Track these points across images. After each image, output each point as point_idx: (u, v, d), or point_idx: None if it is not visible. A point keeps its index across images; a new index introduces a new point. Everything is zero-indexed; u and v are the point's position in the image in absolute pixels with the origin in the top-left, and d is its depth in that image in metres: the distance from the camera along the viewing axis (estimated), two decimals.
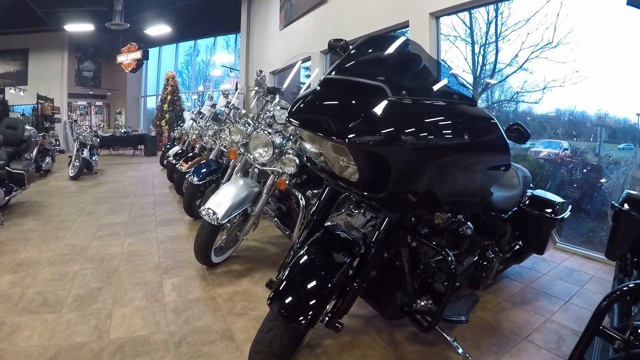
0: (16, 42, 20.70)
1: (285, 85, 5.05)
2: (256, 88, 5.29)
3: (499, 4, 9.13)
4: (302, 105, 2.38)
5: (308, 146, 2.56)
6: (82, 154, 11.04)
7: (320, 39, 10.80)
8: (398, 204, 2.33)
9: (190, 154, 8.19)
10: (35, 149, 10.58)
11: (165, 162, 11.88)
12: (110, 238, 5.71)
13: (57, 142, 18.70)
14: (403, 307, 2.86)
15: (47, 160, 11.56)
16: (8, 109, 18.30)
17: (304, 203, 4.22)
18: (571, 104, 8.39)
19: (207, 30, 22.06)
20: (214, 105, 8.29)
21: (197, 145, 8.47)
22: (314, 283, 2.38)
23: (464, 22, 10.76)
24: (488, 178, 2.70)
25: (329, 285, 2.35)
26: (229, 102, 6.88)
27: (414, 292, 2.83)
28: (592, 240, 6.64)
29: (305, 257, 2.52)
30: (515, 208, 3.96)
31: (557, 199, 4.16)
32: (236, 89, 7.88)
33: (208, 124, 7.35)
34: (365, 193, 2.28)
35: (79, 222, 6.54)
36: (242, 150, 4.63)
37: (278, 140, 4.15)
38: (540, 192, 4.24)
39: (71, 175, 10.92)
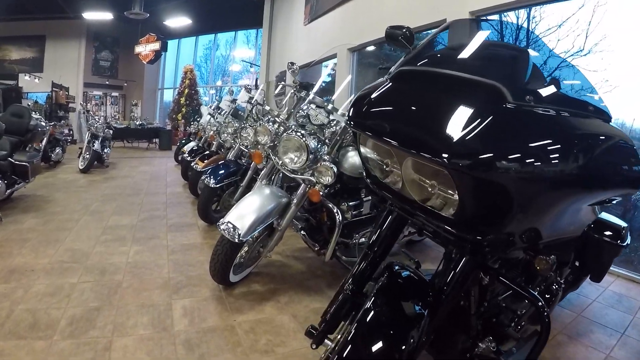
0: (33, 29, 20.28)
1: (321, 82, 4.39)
2: (283, 83, 4.66)
3: (531, 9, 8.56)
4: (372, 106, 1.76)
5: (372, 157, 1.94)
6: (93, 146, 10.46)
7: (348, 36, 10.25)
8: (498, 245, 1.68)
9: (207, 152, 7.65)
10: (45, 138, 10.04)
11: (179, 158, 11.34)
12: (115, 244, 5.11)
13: (71, 132, 18.31)
14: (465, 353, 2.23)
15: (57, 150, 11.06)
16: (21, 95, 17.91)
17: (340, 218, 3.67)
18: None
19: (228, 24, 21.45)
20: (234, 101, 7.68)
21: (214, 143, 7.91)
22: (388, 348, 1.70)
23: (492, 27, 9.97)
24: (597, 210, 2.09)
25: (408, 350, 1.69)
26: (251, 98, 6.27)
27: (477, 334, 2.22)
28: (632, 260, 6.18)
29: (373, 314, 1.80)
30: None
31: (621, 222, 3.62)
32: (256, 85, 7.32)
33: (227, 120, 6.70)
34: (463, 234, 1.63)
35: (83, 222, 5.97)
36: (269, 154, 4.01)
37: (313, 144, 3.57)
38: (603, 215, 3.69)
39: (81, 167, 10.37)
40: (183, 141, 11.87)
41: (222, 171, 5.52)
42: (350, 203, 3.98)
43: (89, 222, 5.99)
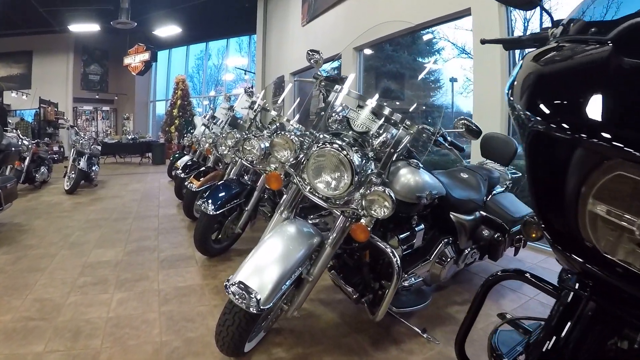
0: (20, 44, 19.50)
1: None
2: (300, 79, 3.50)
3: None
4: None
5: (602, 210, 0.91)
6: (79, 164, 9.31)
7: (353, 34, 9.16)
8: None
9: (203, 168, 6.52)
10: (28, 158, 9.14)
11: (173, 173, 10.21)
12: (95, 290, 4.01)
13: (62, 149, 17.30)
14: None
15: (42, 170, 10.03)
16: (6, 113, 16.91)
17: (398, 263, 2.66)
18: None
19: (220, 32, 20.50)
20: (231, 108, 6.61)
21: (210, 157, 6.81)
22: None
23: None
24: None
25: None
26: (253, 103, 5.18)
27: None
28: None
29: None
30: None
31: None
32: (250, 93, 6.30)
33: (226, 130, 5.59)
34: None
35: (60, 259, 4.87)
36: (291, 176, 2.88)
37: (357, 160, 2.48)
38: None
39: (66, 188, 9.31)
40: (176, 155, 10.77)
41: (223, 194, 4.51)
42: (401, 236, 3.02)
43: (66, 258, 4.89)
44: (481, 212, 3.85)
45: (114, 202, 8.40)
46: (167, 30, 18.09)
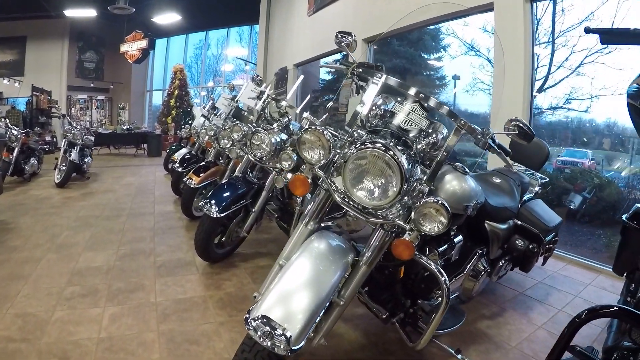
0: (14, 29, 18.85)
1: None
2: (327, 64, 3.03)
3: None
4: None
5: None
6: (70, 155, 8.80)
7: (363, 24, 8.68)
8: None
9: (203, 162, 6.08)
10: (17, 149, 8.65)
11: (170, 167, 9.73)
12: (84, 303, 3.53)
13: (54, 139, 16.77)
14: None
15: (31, 161, 9.46)
16: None
17: (446, 281, 2.28)
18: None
19: (220, 21, 19.92)
20: (234, 98, 6.14)
21: (210, 150, 6.33)
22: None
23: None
24: None
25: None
26: (261, 93, 4.73)
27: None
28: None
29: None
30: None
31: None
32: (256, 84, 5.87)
33: (233, 123, 5.10)
34: None
35: (46, 264, 4.38)
36: (320, 179, 2.38)
37: (406, 163, 2.05)
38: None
39: (56, 181, 8.80)
40: (173, 147, 10.23)
41: (227, 193, 4.07)
42: (440, 249, 2.65)
43: (53, 263, 4.41)
44: (515, 220, 3.55)
45: (106, 197, 7.92)
46: (166, 17, 17.53)
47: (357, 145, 2.10)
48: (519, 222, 3.57)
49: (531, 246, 3.48)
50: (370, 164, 2.09)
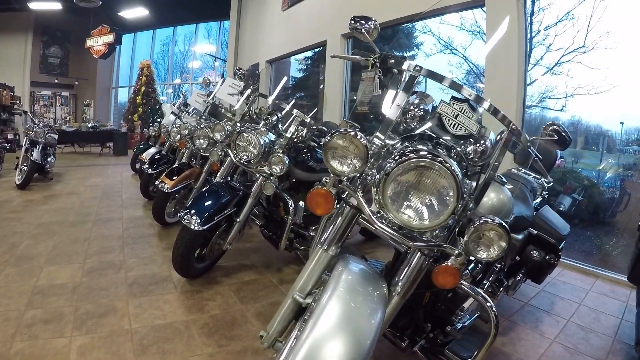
0: None
1: None
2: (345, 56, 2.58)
3: None
4: None
5: None
6: (32, 155, 8.10)
7: (341, 20, 8.20)
8: None
9: (176, 165, 5.55)
10: None
11: (137, 166, 9.20)
12: (48, 331, 2.98)
13: (17, 137, 15.93)
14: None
15: None
16: None
17: (493, 307, 2.07)
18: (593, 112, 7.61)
19: (189, 16, 19.25)
20: (210, 95, 5.65)
21: (183, 151, 5.82)
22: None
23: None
24: None
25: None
26: (245, 87, 4.25)
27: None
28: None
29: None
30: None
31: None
32: (223, 81, 5.41)
33: (217, 121, 4.55)
34: None
35: (3, 280, 3.79)
36: (346, 195, 1.91)
37: (460, 174, 1.69)
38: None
39: (17, 182, 8.08)
40: (140, 146, 9.57)
41: (209, 202, 3.58)
42: (470, 267, 2.44)
43: (11, 279, 3.82)
44: (530, 229, 3.25)
45: (70, 200, 7.26)
46: (134, 12, 16.96)
47: (397, 157, 1.65)
48: (534, 232, 3.27)
49: (547, 257, 3.22)
50: (418, 177, 1.67)
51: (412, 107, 1.99)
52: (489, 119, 1.89)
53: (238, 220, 3.73)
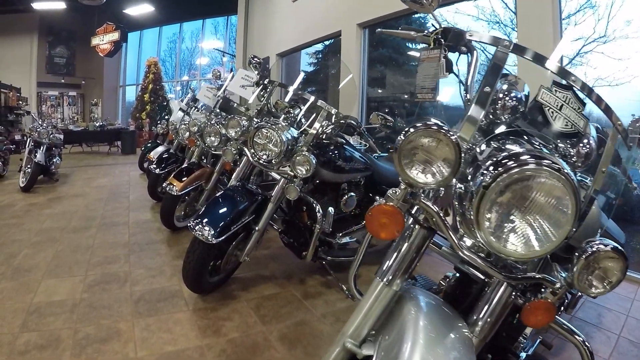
0: None
1: None
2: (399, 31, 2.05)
3: None
4: None
5: None
6: (35, 157, 7.65)
7: (357, 9, 7.74)
8: None
9: (185, 165, 5.15)
10: None
11: (145, 166, 8.75)
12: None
13: (25, 138, 15.58)
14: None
15: None
16: None
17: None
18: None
19: (195, 12, 18.75)
20: (220, 88, 5.21)
21: (193, 150, 5.38)
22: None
23: (507, 6, 9.13)
24: None
25: None
26: (262, 78, 3.79)
27: None
28: None
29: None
30: None
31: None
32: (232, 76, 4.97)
33: (231, 116, 4.04)
34: None
35: None
36: (429, 211, 1.41)
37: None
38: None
39: (21, 185, 7.62)
40: (149, 145, 9.10)
41: (225, 210, 3.12)
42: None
43: (6, 295, 3.37)
44: None
45: (75, 203, 6.78)
46: (139, 9, 16.55)
47: (498, 164, 1.18)
48: None
49: None
50: (525, 191, 1.19)
51: (501, 95, 1.52)
52: None
53: (257, 228, 3.26)
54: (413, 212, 1.47)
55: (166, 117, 10.39)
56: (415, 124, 1.28)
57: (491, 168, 1.19)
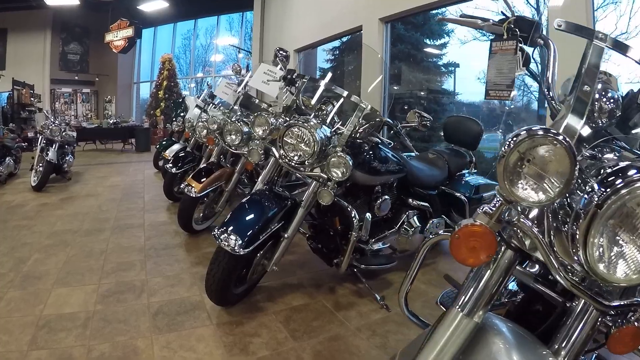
0: None
1: None
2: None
3: None
4: None
5: None
6: (47, 155, 7.40)
7: (379, 3, 7.46)
8: None
9: (203, 164, 4.87)
10: None
11: (160, 164, 8.53)
12: None
13: (38, 136, 15.45)
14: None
15: (7, 161, 8.13)
16: None
17: None
18: None
19: (210, 8, 18.50)
20: (241, 84, 4.95)
21: (212, 148, 5.12)
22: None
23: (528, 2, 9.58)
24: None
25: None
26: (290, 72, 3.49)
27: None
28: None
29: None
30: None
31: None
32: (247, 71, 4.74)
33: (259, 113, 3.72)
34: None
35: (3, 308, 3.09)
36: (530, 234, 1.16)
37: None
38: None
39: (33, 184, 7.40)
40: (163, 142, 8.88)
41: (252, 217, 2.85)
42: None
43: (13, 307, 3.10)
44: None
45: (88, 204, 6.51)
46: (153, 4, 16.39)
47: (616, 180, 0.94)
48: None
49: None
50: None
51: (597, 96, 1.30)
52: None
53: (286, 235, 2.96)
54: (507, 234, 1.20)
55: (182, 114, 10.12)
56: (525, 128, 1.03)
57: (603, 183, 0.97)
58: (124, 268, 3.91)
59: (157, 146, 9.45)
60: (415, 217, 3.77)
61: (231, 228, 2.68)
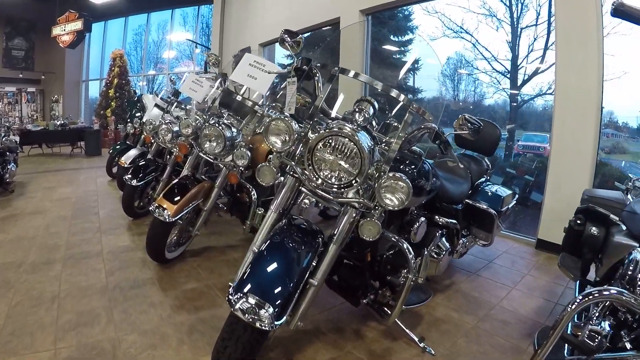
0: None
1: None
2: None
3: None
4: None
5: None
6: None
7: None
8: None
9: (175, 181, 3.89)
10: None
11: (115, 171, 7.83)
12: None
13: None
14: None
15: None
16: None
17: None
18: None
19: (165, 1, 17.69)
20: (218, 79, 4.16)
21: (184, 157, 4.35)
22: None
23: None
24: None
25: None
26: (305, 62, 2.64)
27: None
28: None
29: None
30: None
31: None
32: (205, 70, 4.06)
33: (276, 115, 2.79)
34: None
35: None
36: None
37: None
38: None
39: None
40: (117, 146, 7.97)
41: (278, 271, 2.07)
42: None
43: None
44: None
45: (34, 224, 5.39)
46: None
47: None
48: None
49: None
50: None
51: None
52: None
53: (315, 284, 2.14)
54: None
55: (137, 114, 9.15)
56: None
57: None
58: (85, 321, 2.95)
59: (110, 151, 8.35)
60: (444, 238, 3.15)
61: (255, 299, 1.83)
